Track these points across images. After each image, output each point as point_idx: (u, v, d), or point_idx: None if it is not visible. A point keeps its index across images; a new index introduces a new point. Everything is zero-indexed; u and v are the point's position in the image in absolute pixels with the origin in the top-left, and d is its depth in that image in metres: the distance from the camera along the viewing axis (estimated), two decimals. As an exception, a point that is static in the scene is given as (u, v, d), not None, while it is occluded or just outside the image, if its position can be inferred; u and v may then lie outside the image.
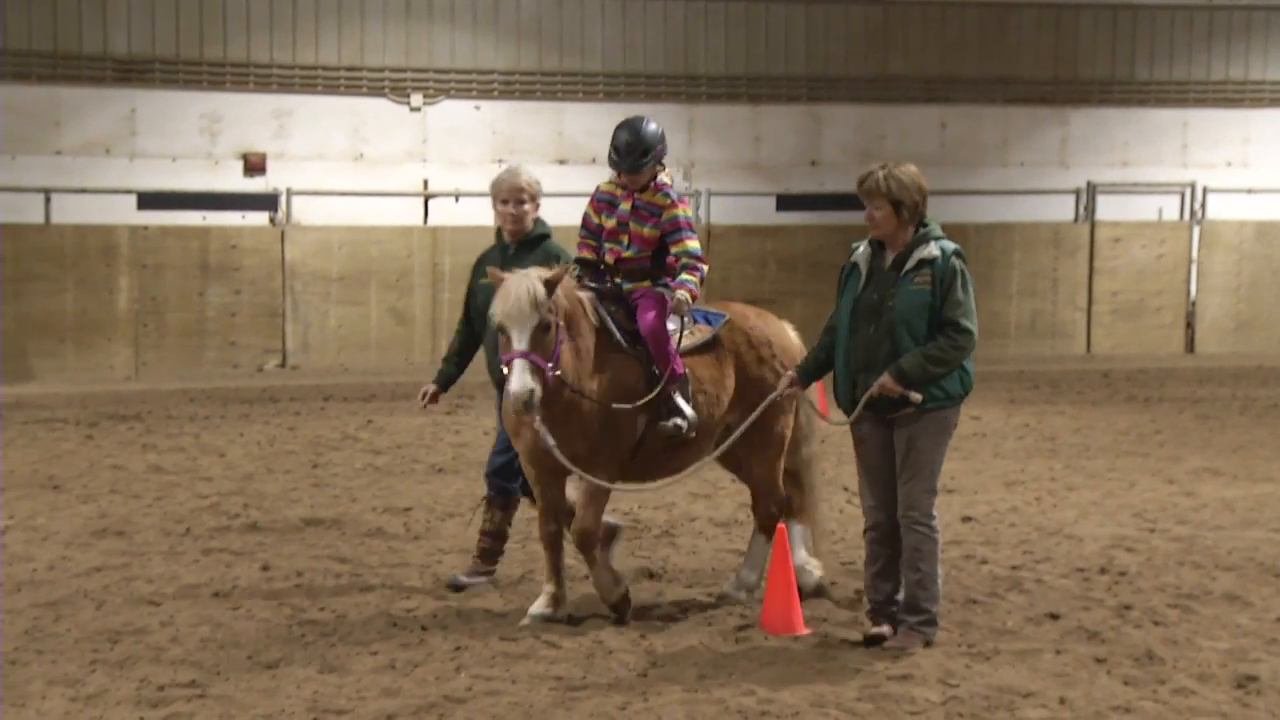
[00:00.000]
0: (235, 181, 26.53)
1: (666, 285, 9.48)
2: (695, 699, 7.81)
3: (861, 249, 8.79)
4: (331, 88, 26.91)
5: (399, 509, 13.22)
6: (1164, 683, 8.11)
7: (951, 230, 29.14)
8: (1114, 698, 7.85)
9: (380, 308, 26.03)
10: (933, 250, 8.57)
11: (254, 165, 26.56)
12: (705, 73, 28.10)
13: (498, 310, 8.79)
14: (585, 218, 9.79)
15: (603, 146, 9.49)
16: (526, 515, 12.95)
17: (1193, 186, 28.80)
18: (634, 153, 9.53)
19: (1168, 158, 29.34)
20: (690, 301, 9.41)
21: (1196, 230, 28.61)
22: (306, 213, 26.49)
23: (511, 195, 10.00)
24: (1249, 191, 29.05)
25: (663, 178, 9.67)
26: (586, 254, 9.71)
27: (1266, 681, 8.11)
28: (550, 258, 9.82)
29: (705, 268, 9.54)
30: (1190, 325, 28.79)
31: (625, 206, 9.63)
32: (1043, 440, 17.54)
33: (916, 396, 8.50)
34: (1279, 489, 14.14)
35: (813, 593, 9.84)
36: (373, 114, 27.05)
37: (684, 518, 12.91)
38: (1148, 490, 14.11)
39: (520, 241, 10.05)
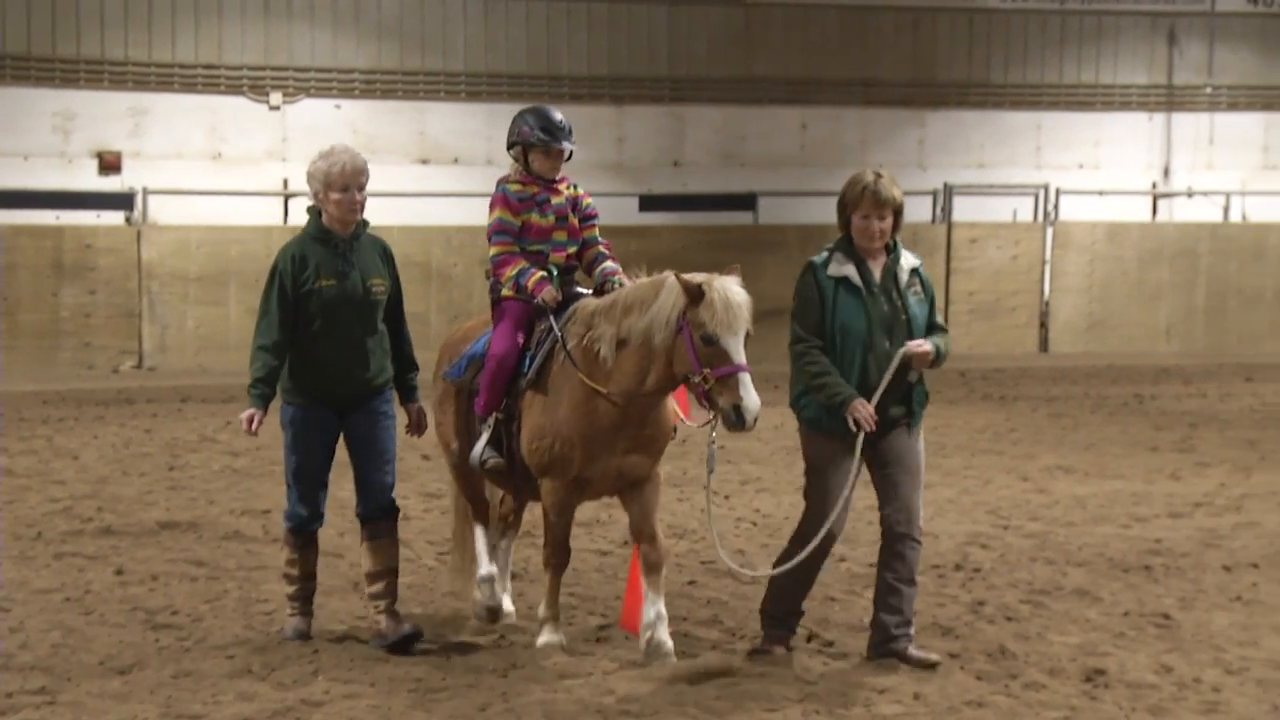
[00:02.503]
0: (90, 180, 26.13)
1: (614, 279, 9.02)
2: (555, 699, 7.81)
3: (836, 259, 8.30)
4: (189, 86, 26.60)
5: (258, 511, 13.07)
6: (1015, 677, 8.23)
7: (812, 231, 29.13)
8: (967, 693, 7.96)
9: (240, 308, 25.64)
10: (913, 259, 8.41)
11: (109, 164, 26.17)
12: (568, 73, 28.10)
13: (721, 317, 8.00)
14: (502, 222, 8.92)
15: (466, 146, 9.27)
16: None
17: (1046, 188, 29.25)
18: (569, 132, 8.99)
19: (1022, 160, 29.81)
20: None
21: (1050, 231, 29.03)
22: (164, 212, 26.12)
23: (354, 180, 8.67)
24: (1100, 193, 29.57)
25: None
26: (523, 262, 8.87)
27: (1114, 675, 8.26)
28: (385, 250, 8.98)
29: None
30: (1044, 325, 29.22)
31: (560, 200, 9.04)
32: (901, 439, 17.70)
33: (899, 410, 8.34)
34: (1129, 486, 14.41)
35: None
36: (231, 112, 26.75)
37: (545, 518, 12.86)
38: (1002, 488, 14.32)
39: (353, 234, 8.80)
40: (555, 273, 8.98)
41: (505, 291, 8.91)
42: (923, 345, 8.18)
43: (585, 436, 8.42)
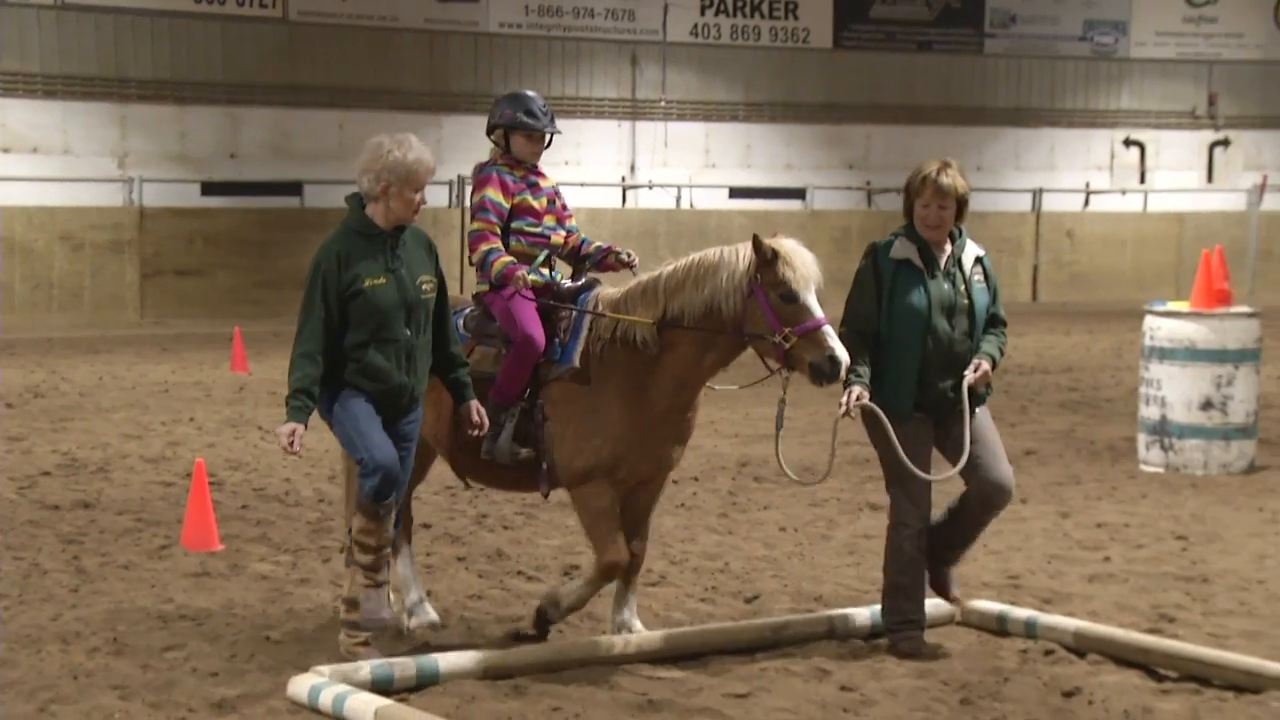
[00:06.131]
0: None
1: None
2: (120, 609, 7.50)
3: (899, 244, 6.89)
4: None
5: None
6: (510, 574, 8.38)
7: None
8: (470, 588, 8.05)
9: None
10: (977, 248, 7.06)
11: None
12: (135, 76, 26.74)
13: (801, 273, 6.53)
14: (491, 201, 7.16)
15: (43, 137, 8.19)
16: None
17: (541, 180, 29.66)
18: (552, 117, 7.43)
19: (521, 157, 30.14)
20: None
21: (543, 215, 29.49)
22: None
23: (425, 182, 6.62)
24: (582, 185, 30.13)
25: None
26: (497, 243, 7.13)
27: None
28: (430, 244, 6.77)
29: None
30: (539, 290, 29.60)
31: (548, 185, 7.39)
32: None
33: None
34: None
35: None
36: None
37: (117, 455, 12.29)
38: (503, 421, 14.46)
39: (398, 229, 6.60)
40: (550, 256, 7.32)
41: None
42: (980, 369, 6.83)
43: (641, 434, 6.78)
